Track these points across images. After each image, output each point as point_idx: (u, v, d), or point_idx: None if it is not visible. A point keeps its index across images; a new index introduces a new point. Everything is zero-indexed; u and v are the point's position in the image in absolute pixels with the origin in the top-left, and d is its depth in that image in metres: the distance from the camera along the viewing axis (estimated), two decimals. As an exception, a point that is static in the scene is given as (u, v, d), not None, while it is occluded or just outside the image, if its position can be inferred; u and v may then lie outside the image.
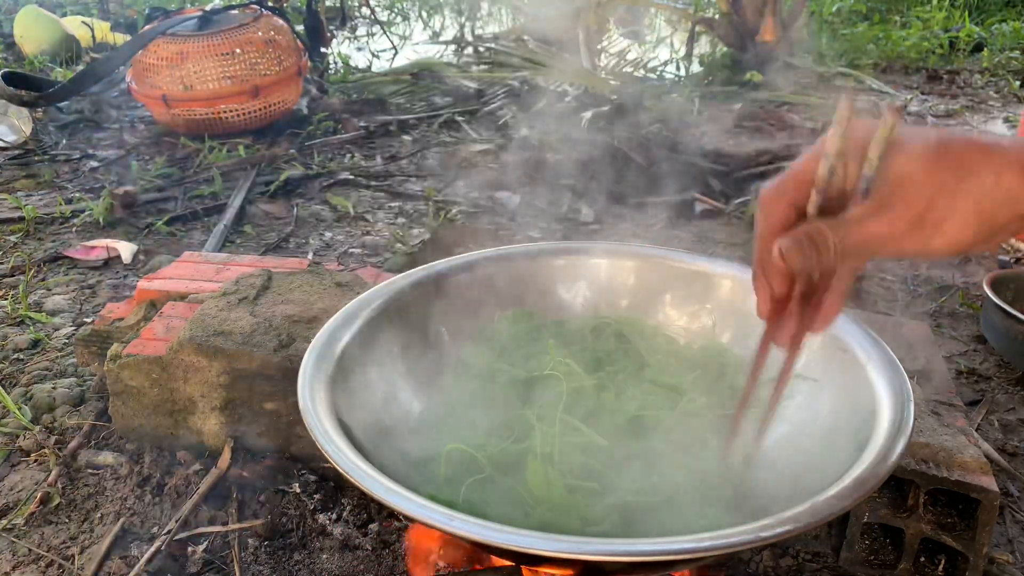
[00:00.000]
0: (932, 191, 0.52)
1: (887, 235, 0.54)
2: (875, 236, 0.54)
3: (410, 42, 4.67)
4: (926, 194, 0.52)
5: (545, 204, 2.25)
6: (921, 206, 0.52)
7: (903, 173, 0.53)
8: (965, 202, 0.52)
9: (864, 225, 0.54)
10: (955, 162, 0.52)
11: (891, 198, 0.53)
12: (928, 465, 0.98)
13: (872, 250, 0.56)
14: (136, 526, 1.12)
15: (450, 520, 0.61)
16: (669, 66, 4.06)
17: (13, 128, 2.85)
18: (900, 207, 0.53)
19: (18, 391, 1.42)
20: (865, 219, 0.54)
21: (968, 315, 1.75)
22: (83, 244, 2.04)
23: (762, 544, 0.66)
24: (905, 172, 0.53)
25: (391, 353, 0.92)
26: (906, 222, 0.53)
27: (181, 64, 2.69)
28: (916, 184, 0.53)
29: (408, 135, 2.91)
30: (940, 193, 0.52)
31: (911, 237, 0.53)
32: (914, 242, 0.54)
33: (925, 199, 0.52)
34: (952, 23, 4.45)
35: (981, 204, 0.52)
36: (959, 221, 0.52)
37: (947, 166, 0.52)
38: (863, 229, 0.54)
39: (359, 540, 1.07)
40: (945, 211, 0.52)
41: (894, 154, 0.53)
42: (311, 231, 2.18)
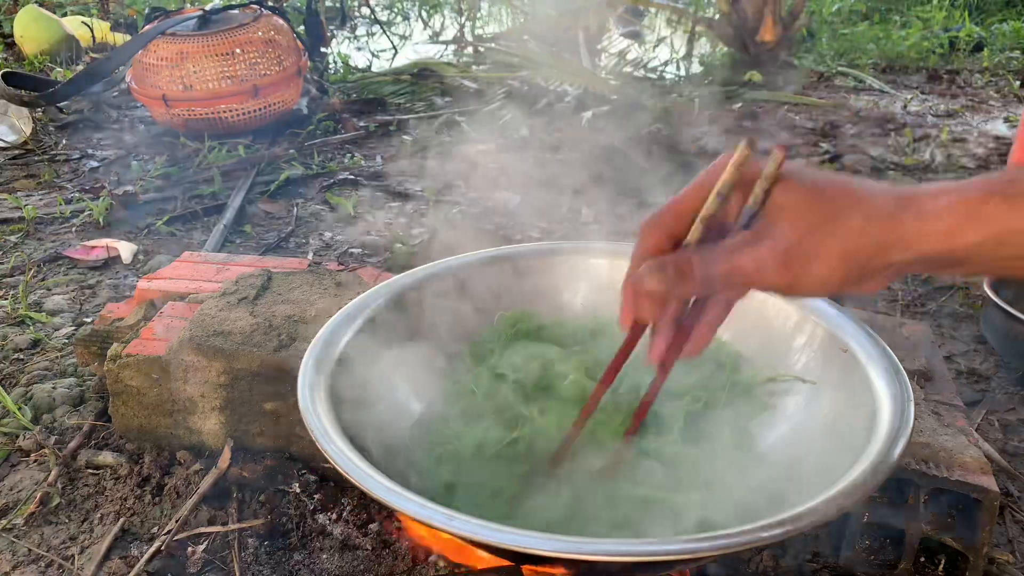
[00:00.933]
0: (802, 230, 0.53)
1: (754, 268, 0.55)
2: (742, 268, 0.55)
3: (410, 42, 4.67)
4: (797, 232, 0.53)
5: (545, 204, 2.25)
6: (790, 243, 0.54)
7: (779, 209, 0.54)
8: (832, 244, 0.53)
9: (733, 256, 0.55)
10: (827, 204, 0.53)
11: (763, 232, 0.54)
12: (928, 465, 0.98)
13: (738, 281, 0.56)
14: (136, 526, 1.12)
15: (450, 520, 0.61)
16: (669, 66, 4.06)
17: (13, 128, 2.85)
18: (770, 242, 0.54)
19: (18, 391, 1.42)
20: (735, 250, 0.55)
21: (968, 315, 1.75)
22: (83, 244, 2.04)
23: (762, 544, 0.66)
24: (780, 209, 0.54)
25: (391, 353, 0.92)
26: (774, 257, 0.54)
27: (181, 64, 2.68)
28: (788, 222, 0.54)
29: (408, 135, 2.91)
30: (810, 233, 0.53)
31: (778, 273, 0.54)
32: (781, 278, 0.54)
33: (795, 237, 0.53)
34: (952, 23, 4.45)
35: (847, 248, 0.53)
36: (825, 262, 0.53)
37: (819, 208, 0.53)
38: (732, 260, 0.55)
39: (359, 540, 1.07)
40: (813, 250, 0.53)
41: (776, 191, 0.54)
42: (311, 231, 2.17)
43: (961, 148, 2.72)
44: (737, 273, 0.55)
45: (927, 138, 2.84)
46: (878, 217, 0.52)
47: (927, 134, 2.88)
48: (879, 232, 0.52)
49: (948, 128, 2.90)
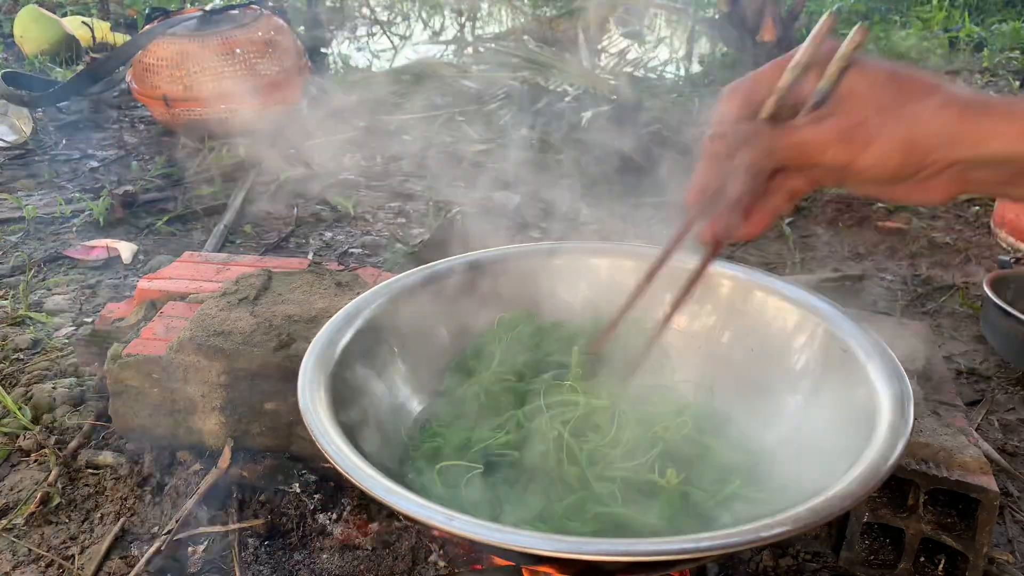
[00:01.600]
0: (870, 108, 0.53)
1: (815, 142, 0.54)
2: (804, 141, 0.55)
3: (410, 42, 4.67)
4: (863, 110, 0.53)
5: (545, 204, 2.25)
6: (856, 120, 0.53)
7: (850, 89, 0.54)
8: (897, 126, 0.52)
9: (799, 130, 0.55)
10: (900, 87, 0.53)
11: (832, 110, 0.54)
12: (928, 465, 0.98)
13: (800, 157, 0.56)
14: (136, 526, 1.12)
15: (450, 520, 0.61)
16: (669, 66, 4.05)
17: (13, 128, 2.85)
18: (836, 118, 0.54)
19: (18, 391, 1.42)
20: (803, 126, 0.55)
21: (968, 315, 1.75)
22: (83, 244, 2.04)
23: (762, 544, 0.66)
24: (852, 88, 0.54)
25: (391, 353, 0.92)
26: (837, 132, 0.54)
27: (181, 64, 2.68)
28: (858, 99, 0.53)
29: (408, 135, 2.91)
30: (877, 112, 0.52)
31: (838, 148, 0.54)
32: (840, 153, 0.54)
33: (861, 114, 0.53)
34: (952, 23, 4.45)
35: (913, 132, 0.52)
36: (887, 143, 0.52)
37: (891, 89, 0.53)
38: (797, 133, 0.55)
39: (359, 540, 1.07)
40: (876, 129, 0.52)
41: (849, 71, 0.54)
42: (311, 231, 2.18)
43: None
44: (799, 146, 0.55)
45: (927, 138, 2.83)
46: (950, 107, 0.51)
47: (927, 134, 2.87)
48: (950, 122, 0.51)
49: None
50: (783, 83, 0.58)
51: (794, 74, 0.57)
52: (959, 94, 0.52)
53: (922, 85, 0.53)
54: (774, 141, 0.56)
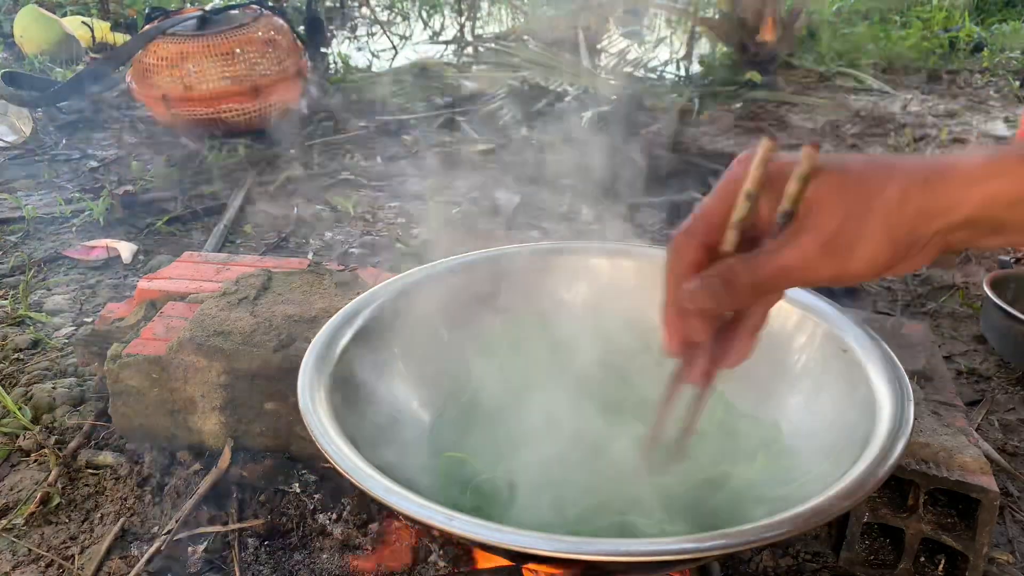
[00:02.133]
0: (840, 216, 0.52)
1: (800, 264, 0.53)
2: (788, 266, 0.54)
3: (410, 42, 4.67)
4: (835, 219, 0.52)
5: (545, 204, 2.25)
6: (831, 231, 0.52)
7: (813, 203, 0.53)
8: (874, 223, 0.51)
9: (776, 256, 0.54)
10: (861, 185, 0.52)
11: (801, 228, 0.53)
12: (928, 465, 0.98)
13: (786, 281, 0.55)
14: (136, 526, 1.12)
15: (450, 520, 0.61)
16: (669, 66, 4.06)
17: (13, 128, 2.85)
18: (810, 234, 0.53)
19: (18, 391, 1.42)
20: (777, 250, 0.54)
21: (968, 315, 1.75)
22: (83, 244, 2.04)
23: (762, 544, 0.66)
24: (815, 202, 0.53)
25: (391, 353, 0.92)
26: (817, 249, 0.52)
27: (181, 64, 2.68)
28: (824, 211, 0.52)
29: (408, 135, 2.91)
30: (848, 217, 0.52)
31: (825, 263, 0.53)
32: (829, 268, 0.53)
33: (835, 224, 0.52)
34: (952, 23, 4.45)
35: (890, 222, 0.51)
36: (871, 242, 0.52)
37: (852, 189, 0.52)
38: (776, 260, 0.54)
39: (359, 540, 1.07)
40: (855, 234, 0.52)
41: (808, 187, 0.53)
42: (311, 231, 2.18)
43: (961, 148, 2.72)
44: (786, 271, 0.54)
45: (927, 138, 2.84)
46: (915, 184, 0.51)
47: (927, 134, 2.88)
48: (919, 199, 0.51)
49: (948, 128, 2.90)
50: (739, 215, 0.56)
51: (748, 203, 0.55)
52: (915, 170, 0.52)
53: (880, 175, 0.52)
54: (755, 274, 0.55)
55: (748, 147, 0.56)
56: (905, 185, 0.51)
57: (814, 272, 0.53)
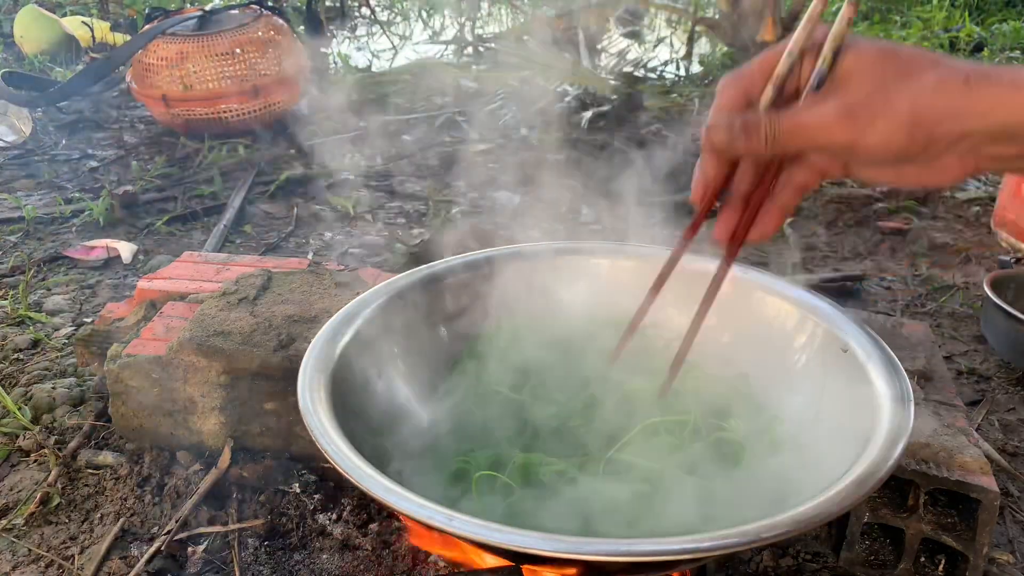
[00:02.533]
0: (872, 85, 0.52)
1: (818, 123, 0.53)
2: (806, 123, 0.54)
3: (410, 42, 4.67)
4: (864, 88, 0.52)
5: (545, 204, 2.25)
6: (857, 98, 0.52)
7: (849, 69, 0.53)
8: (901, 101, 0.51)
9: (799, 113, 0.54)
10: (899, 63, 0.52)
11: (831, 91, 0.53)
12: (928, 465, 0.98)
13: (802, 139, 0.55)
14: (136, 526, 1.12)
15: (450, 520, 0.61)
16: (669, 66, 4.05)
17: (13, 128, 2.85)
18: (837, 97, 0.53)
19: (18, 391, 1.42)
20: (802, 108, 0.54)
21: (968, 315, 1.75)
22: (83, 244, 2.04)
23: (762, 544, 0.66)
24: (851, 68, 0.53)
25: (391, 353, 0.92)
26: (839, 111, 0.52)
27: (181, 64, 2.68)
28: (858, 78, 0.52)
29: (408, 135, 2.91)
30: (879, 88, 0.51)
31: (841, 127, 0.52)
32: (845, 133, 0.52)
33: (863, 92, 0.52)
34: (952, 23, 4.45)
35: (917, 106, 0.50)
36: (892, 119, 0.51)
37: (892, 65, 0.52)
38: (797, 116, 0.54)
39: (359, 540, 1.07)
40: (880, 106, 0.51)
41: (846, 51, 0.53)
42: (311, 231, 2.18)
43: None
44: (802, 128, 0.54)
45: (927, 138, 2.83)
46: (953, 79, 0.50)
47: (927, 134, 2.87)
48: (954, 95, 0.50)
49: (948, 128, 2.90)
50: (779, 70, 0.57)
51: (790, 60, 0.56)
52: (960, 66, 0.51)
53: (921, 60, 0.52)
54: (775, 126, 0.55)
55: None
56: (944, 76, 0.50)
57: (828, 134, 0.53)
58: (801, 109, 0.55)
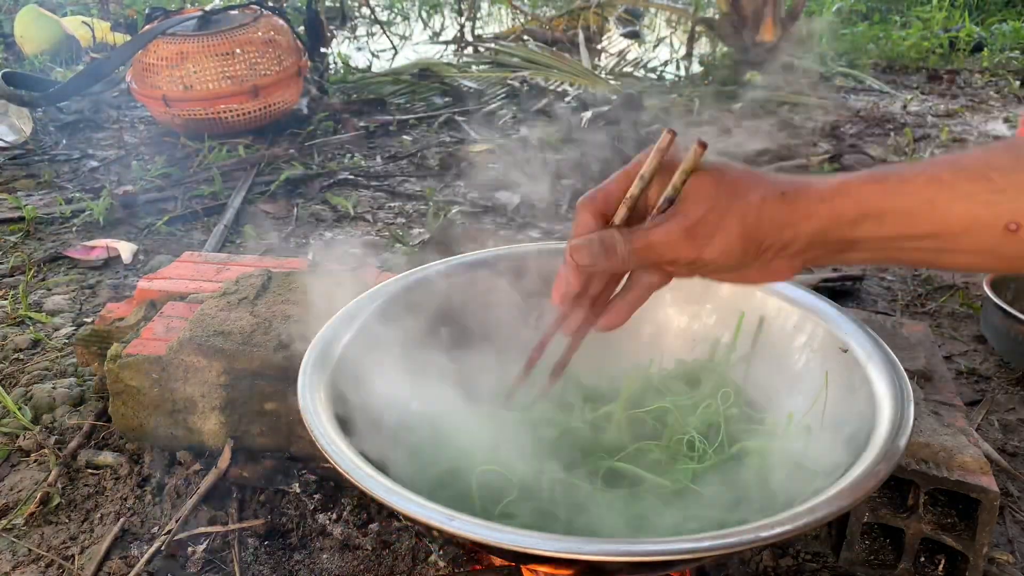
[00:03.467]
0: (707, 208, 0.60)
1: (665, 241, 0.61)
2: (655, 242, 0.62)
3: (410, 42, 4.67)
4: (701, 210, 0.60)
5: (545, 204, 2.25)
6: (695, 219, 0.60)
7: (689, 194, 0.61)
8: (732, 219, 0.59)
9: (648, 232, 0.62)
10: (730, 186, 0.60)
11: (674, 212, 0.61)
12: (928, 465, 0.98)
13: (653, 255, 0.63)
14: (136, 526, 1.12)
15: (450, 520, 0.61)
16: (669, 66, 4.06)
17: (13, 128, 2.85)
18: (678, 219, 0.61)
19: (18, 391, 1.42)
20: (651, 228, 0.62)
21: (968, 315, 1.75)
22: (83, 244, 2.04)
23: (762, 544, 0.66)
24: (690, 193, 0.61)
25: (391, 353, 0.92)
26: (682, 231, 0.60)
27: (181, 64, 2.69)
28: (696, 201, 0.60)
29: (408, 135, 2.91)
30: (713, 210, 0.59)
31: (686, 245, 0.60)
32: (688, 250, 0.61)
33: (700, 214, 0.60)
34: (952, 23, 4.45)
35: (745, 223, 0.59)
36: (726, 235, 0.59)
37: (723, 189, 0.60)
38: (647, 236, 0.62)
39: (359, 540, 1.07)
40: (715, 226, 0.59)
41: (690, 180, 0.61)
42: (311, 231, 2.18)
43: (961, 148, 2.72)
44: (651, 246, 0.62)
45: (927, 138, 2.84)
46: (772, 197, 0.58)
47: (927, 134, 2.88)
48: (773, 210, 0.58)
49: (948, 128, 2.90)
50: (631, 192, 0.64)
51: (641, 184, 0.64)
52: (778, 184, 0.59)
53: (747, 181, 0.60)
54: (629, 244, 0.63)
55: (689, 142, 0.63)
56: (765, 194, 0.59)
57: (675, 251, 0.61)
58: (650, 229, 0.62)
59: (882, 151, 2.70)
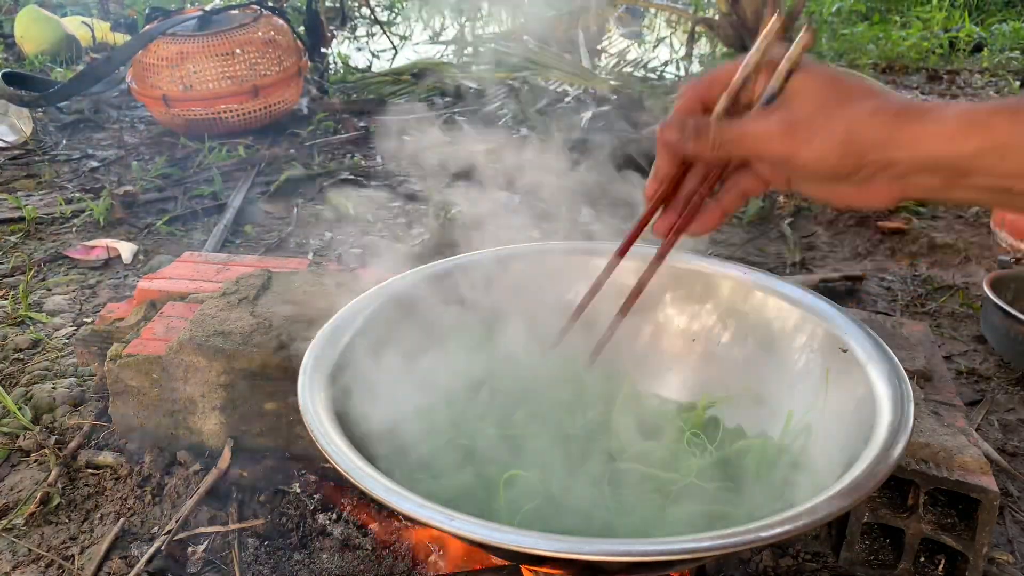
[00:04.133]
0: (814, 106, 0.57)
1: (759, 134, 0.58)
2: (748, 133, 0.59)
3: (410, 42, 4.67)
4: (808, 107, 0.57)
5: (545, 204, 2.25)
6: (798, 116, 0.57)
7: (797, 89, 0.58)
8: (837, 124, 0.56)
9: (744, 123, 0.60)
10: (841, 89, 0.57)
11: (777, 106, 0.59)
12: (928, 465, 0.98)
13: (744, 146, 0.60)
14: (136, 526, 1.12)
15: (450, 520, 0.61)
16: (669, 66, 4.06)
17: (13, 128, 2.85)
18: (780, 113, 0.58)
19: (18, 391, 1.42)
20: (749, 119, 0.59)
21: (968, 315, 1.75)
22: (83, 244, 2.04)
23: (762, 544, 0.66)
24: (798, 88, 0.58)
25: (391, 353, 0.92)
26: (780, 126, 0.57)
27: (181, 64, 2.69)
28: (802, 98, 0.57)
29: (408, 135, 2.91)
30: (819, 110, 0.56)
31: (780, 141, 0.57)
32: (782, 146, 0.57)
33: (804, 111, 0.57)
34: (952, 23, 4.45)
35: (851, 131, 0.55)
36: (827, 139, 0.56)
37: (833, 90, 0.57)
38: (742, 126, 0.60)
39: (359, 540, 1.07)
40: (818, 127, 0.56)
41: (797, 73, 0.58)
42: (311, 231, 2.17)
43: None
44: (745, 137, 0.59)
45: (927, 138, 2.83)
46: (887, 110, 0.55)
47: (927, 134, 2.87)
48: (885, 124, 0.54)
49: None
50: (735, 82, 0.61)
51: (745, 73, 0.61)
52: (895, 99, 0.56)
53: (862, 89, 0.57)
54: (722, 134, 0.60)
55: None
56: (880, 107, 0.55)
57: (768, 145, 0.58)
58: (747, 120, 0.60)
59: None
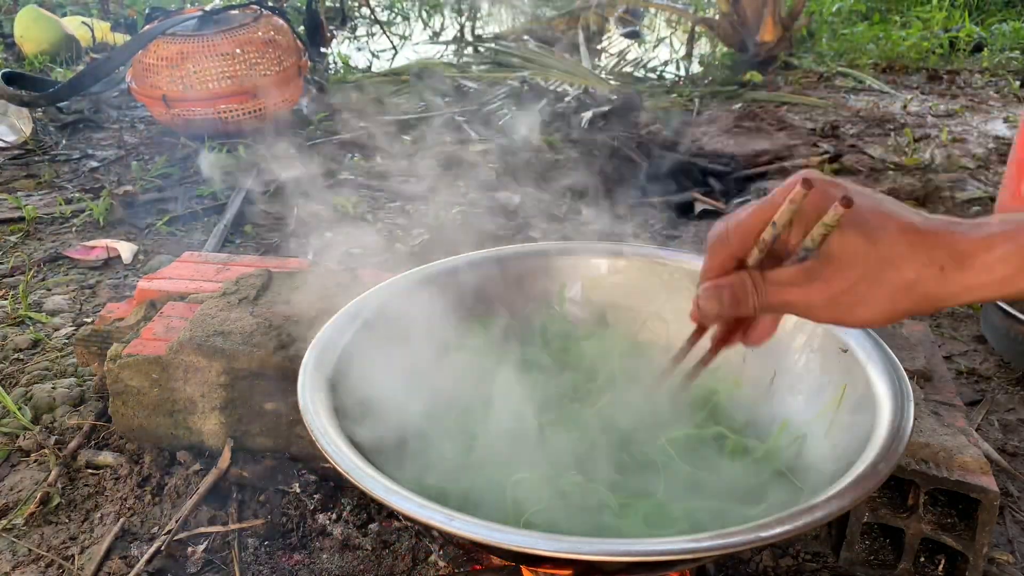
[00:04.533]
0: (854, 278, 0.56)
1: (804, 304, 0.59)
2: (793, 302, 0.59)
3: (410, 42, 4.67)
4: (848, 280, 0.56)
5: (545, 204, 2.25)
6: (841, 288, 0.57)
7: (832, 252, 0.56)
8: (881, 294, 0.56)
9: (785, 291, 0.59)
10: (881, 256, 0.55)
11: (816, 273, 0.57)
12: (928, 465, 0.98)
13: (787, 311, 0.61)
14: (136, 526, 1.12)
15: (450, 520, 0.61)
16: (669, 66, 4.06)
17: (13, 128, 2.85)
18: (821, 283, 0.57)
19: (18, 391, 1.42)
20: (790, 284, 0.59)
21: (968, 315, 1.75)
22: (83, 244, 2.04)
23: (762, 544, 0.66)
24: (835, 252, 0.56)
25: (391, 353, 0.92)
26: (824, 298, 0.57)
27: (181, 64, 2.68)
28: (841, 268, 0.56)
29: (408, 135, 2.91)
30: (860, 281, 0.56)
31: (826, 311, 0.58)
32: (828, 315, 0.58)
33: (847, 284, 0.56)
34: (952, 23, 4.45)
35: (896, 298, 0.56)
36: (873, 308, 0.57)
37: (873, 257, 0.56)
38: (783, 294, 0.59)
39: (359, 540, 1.07)
40: (861, 297, 0.56)
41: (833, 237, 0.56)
42: (311, 231, 2.17)
43: (961, 148, 2.72)
44: (787, 306, 0.60)
45: (927, 138, 2.83)
46: (931, 269, 0.55)
47: (927, 134, 2.87)
48: (931, 286, 0.55)
49: (948, 128, 2.90)
50: (766, 238, 0.60)
51: (774, 232, 0.59)
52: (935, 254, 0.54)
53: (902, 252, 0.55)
54: (762, 299, 0.60)
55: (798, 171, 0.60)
56: (921, 269, 0.55)
57: (814, 314, 0.59)
58: (787, 284, 0.59)
59: (882, 151, 2.70)
